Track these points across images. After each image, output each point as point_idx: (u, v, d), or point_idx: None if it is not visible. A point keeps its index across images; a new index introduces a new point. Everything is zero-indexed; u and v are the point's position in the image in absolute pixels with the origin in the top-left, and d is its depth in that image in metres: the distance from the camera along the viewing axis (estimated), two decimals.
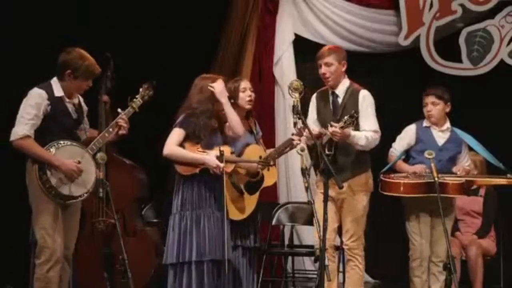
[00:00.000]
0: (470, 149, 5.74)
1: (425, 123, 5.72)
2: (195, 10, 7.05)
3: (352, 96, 5.34)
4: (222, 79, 5.26)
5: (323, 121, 5.30)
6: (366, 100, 5.35)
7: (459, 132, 5.67)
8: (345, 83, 5.39)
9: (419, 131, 5.70)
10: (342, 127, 5.07)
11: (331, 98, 5.39)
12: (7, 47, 6.37)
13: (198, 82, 5.22)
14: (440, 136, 5.67)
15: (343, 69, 5.37)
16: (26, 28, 6.53)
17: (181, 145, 5.07)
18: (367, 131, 5.27)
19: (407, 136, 5.73)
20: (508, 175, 5.49)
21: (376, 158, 5.56)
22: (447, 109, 5.67)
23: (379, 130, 5.32)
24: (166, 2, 7.06)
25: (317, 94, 5.39)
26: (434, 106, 5.63)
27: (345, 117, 5.09)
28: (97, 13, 6.80)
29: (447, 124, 5.70)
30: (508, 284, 6.14)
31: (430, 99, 5.65)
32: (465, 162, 5.70)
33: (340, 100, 5.36)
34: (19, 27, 6.52)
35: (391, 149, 5.76)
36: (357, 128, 5.24)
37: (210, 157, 5.01)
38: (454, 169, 5.58)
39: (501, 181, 5.59)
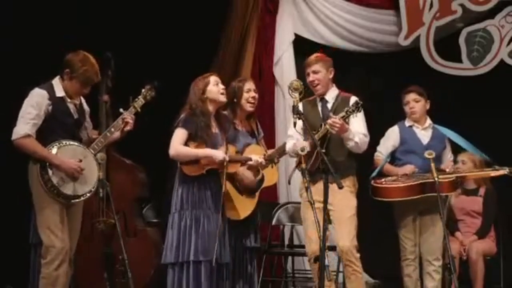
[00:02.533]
0: (453, 144, 5.76)
1: (407, 123, 5.75)
2: (195, 10, 7.05)
3: (343, 101, 5.31)
4: (215, 75, 5.26)
5: (311, 126, 5.17)
6: None
7: (440, 128, 5.72)
8: (334, 90, 5.40)
9: (402, 131, 5.72)
10: (343, 117, 5.07)
11: (320, 104, 5.38)
12: (7, 47, 6.37)
13: (193, 84, 5.22)
14: (424, 134, 5.70)
15: (331, 76, 5.37)
16: (26, 28, 6.52)
17: (186, 145, 5.08)
18: (358, 133, 5.26)
19: (391, 138, 5.74)
20: (496, 167, 5.56)
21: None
22: (427, 106, 5.73)
23: (368, 135, 5.32)
24: (166, 2, 7.06)
25: (303, 103, 5.29)
26: (416, 102, 5.70)
27: (347, 107, 5.09)
28: (97, 13, 6.80)
29: (428, 121, 5.75)
30: (508, 284, 6.13)
31: (411, 96, 5.72)
32: (449, 157, 5.77)
33: (330, 105, 5.34)
34: (19, 27, 6.52)
35: (376, 153, 5.75)
36: None
37: (216, 150, 5.04)
38: (443, 167, 5.60)
39: (490, 173, 5.68)
